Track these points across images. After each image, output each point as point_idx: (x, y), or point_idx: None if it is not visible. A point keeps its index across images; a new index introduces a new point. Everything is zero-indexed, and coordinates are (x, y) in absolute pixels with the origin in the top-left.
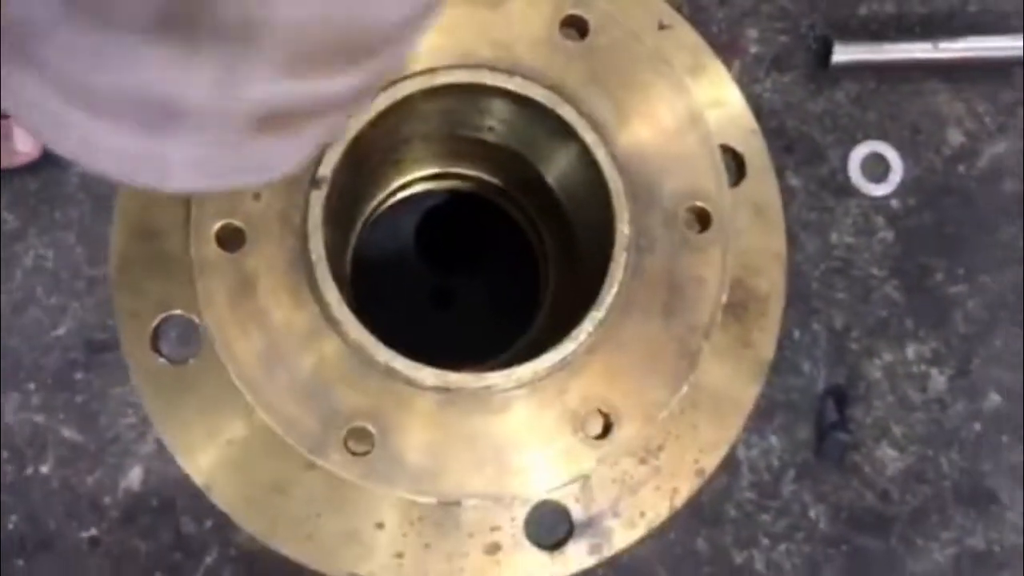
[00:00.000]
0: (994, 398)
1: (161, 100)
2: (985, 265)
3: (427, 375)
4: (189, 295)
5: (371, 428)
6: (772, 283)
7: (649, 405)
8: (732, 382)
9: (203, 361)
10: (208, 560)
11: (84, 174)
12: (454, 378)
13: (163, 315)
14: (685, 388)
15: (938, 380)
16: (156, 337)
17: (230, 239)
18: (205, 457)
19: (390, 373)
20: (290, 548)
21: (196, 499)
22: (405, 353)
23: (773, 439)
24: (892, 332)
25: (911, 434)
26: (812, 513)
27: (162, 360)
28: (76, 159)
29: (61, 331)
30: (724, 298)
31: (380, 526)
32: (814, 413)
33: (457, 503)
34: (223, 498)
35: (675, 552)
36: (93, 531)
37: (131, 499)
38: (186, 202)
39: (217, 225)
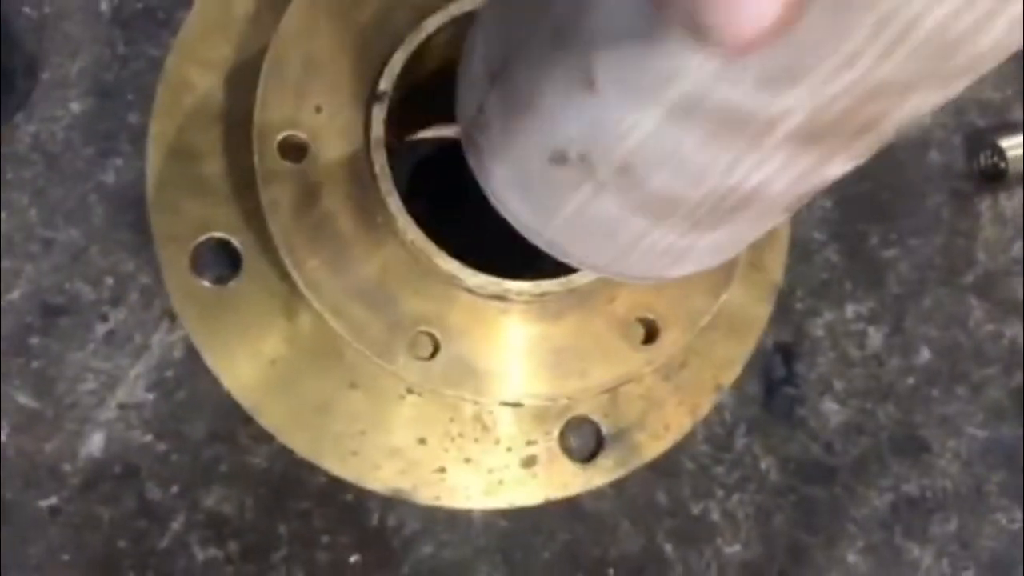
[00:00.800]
0: (925, 354)
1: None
2: (915, 230)
3: (486, 282)
4: (228, 217)
5: (435, 333)
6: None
7: (691, 313)
8: (745, 302)
9: (245, 283)
10: (175, 526)
11: (37, 133)
12: (512, 286)
13: (203, 237)
14: (725, 296)
15: (875, 338)
16: (196, 259)
17: (293, 149)
18: (250, 377)
19: (452, 280)
20: (334, 464)
21: (161, 463)
22: (467, 261)
23: (725, 394)
24: (832, 293)
25: (851, 389)
26: (763, 465)
27: (204, 282)
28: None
29: (15, 295)
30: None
31: (423, 442)
32: (763, 369)
33: (518, 404)
34: (270, 419)
35: (637, 504)
36: (53, 500)
37: (92, 466)
38: (222, 124)
39: (280, 136)
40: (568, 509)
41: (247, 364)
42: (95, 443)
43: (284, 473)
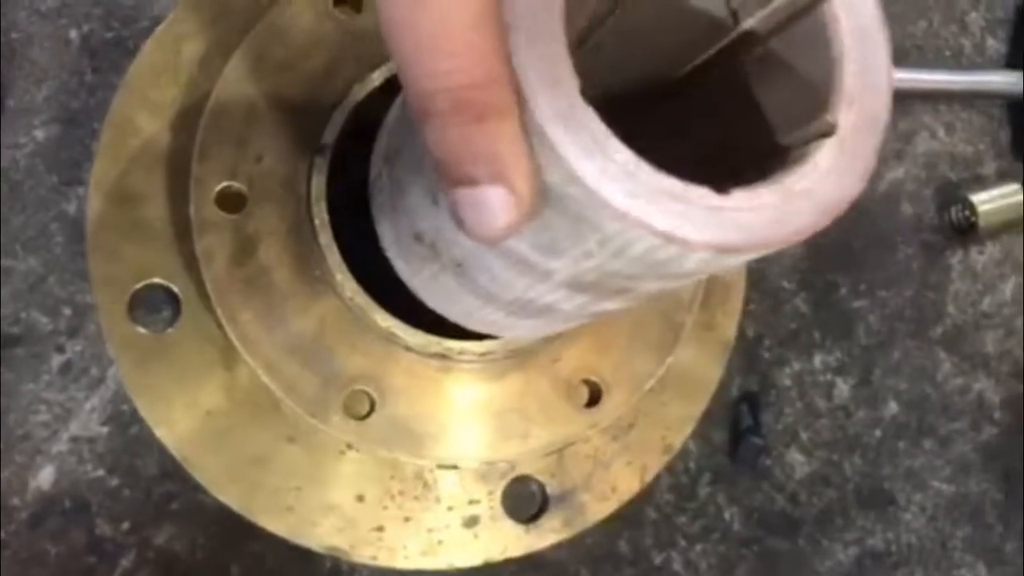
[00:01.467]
0: (892, 406)
1: None
2: (884, 281)
3: (427, 341)
4: (169, 263)
5: (371, 391)
6: (735, 269)
7: (635, 376)
8: (697, 362)
9: (183, 330)
10: (124, 563)
11: None
12: (453, 345)
13: (141, 283)
14: (670, 359)
15: (842, 388)
16: (133, 305)
17: (231, 200)
18: (183, 427)
19: (391, 338)
20: (268, 520)
21: (113, 499)
22: (404, 318)
23: (691, 443)
24: (801, 342)
25: (817, 439)
26: (726, 515)
27: (140, 329)
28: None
29: None
30: (705, 276)
31: (361, 499)
32: (729, 418)
33: (454, 466)
34: (203, 472)
35: (598, 553)
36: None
37: (41, 500)
38: (165, 168)
39: (219, 186)
40: (527, 558)
41: (181, 414)
42: (45, 476)
43: (237, 513)
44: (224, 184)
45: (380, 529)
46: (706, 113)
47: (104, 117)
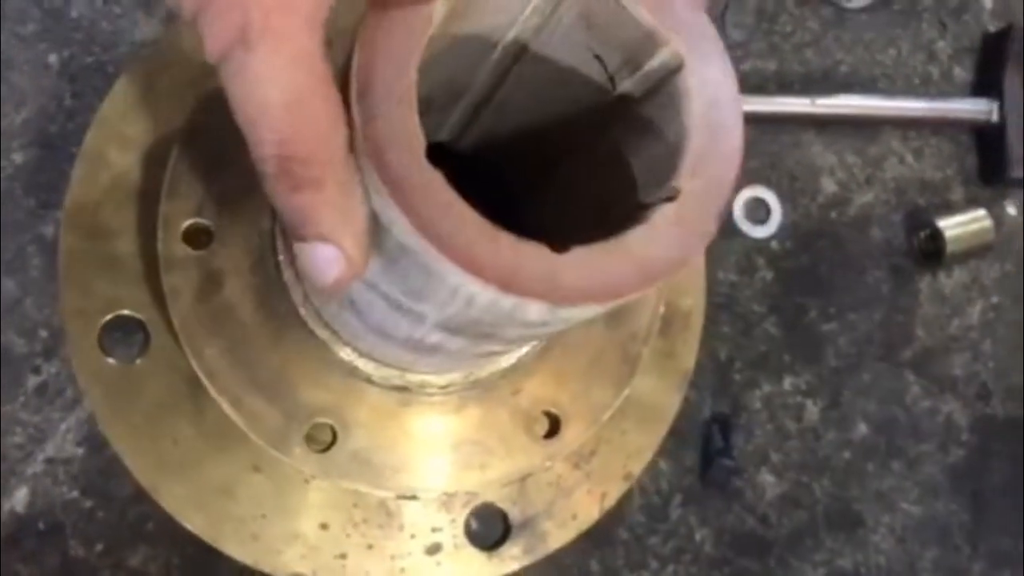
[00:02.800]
0: (862, 428)
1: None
2: (853, 305)
3: (388, 374)
4: (139, 295)
5: (332, 424)
6: (694, 299)
7: (593, 407)
8: (657, 391)
9: (151, 362)
10: None
11: None
12: (413, 378)
13: (111, 315)
14: (627, 391)
15: (812, 411)
16: (103, 337)
17: (198, 236)
18: (151, 456)
19: (353, 371)
20: (234, 548)
21: (87, 521)
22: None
23: (662, 464)
24: (771, 365)
25: (788, 461)
26: (698, 536)
27: (110, 360)
28: None
29: None
30: (661, 308)
31: (324, 527)
32: (700, 440)
33: (414, 497)
34: (169, 500)
35: (570, 574)
36: None
37: (15, 522)
38: (136, 203)
39: (186, 223)
40: None
41: (149, 443)
42: (19, 498)
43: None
44: (191, 220)
45: (343, 557)
46: (590, 171)
47: (83, 141)
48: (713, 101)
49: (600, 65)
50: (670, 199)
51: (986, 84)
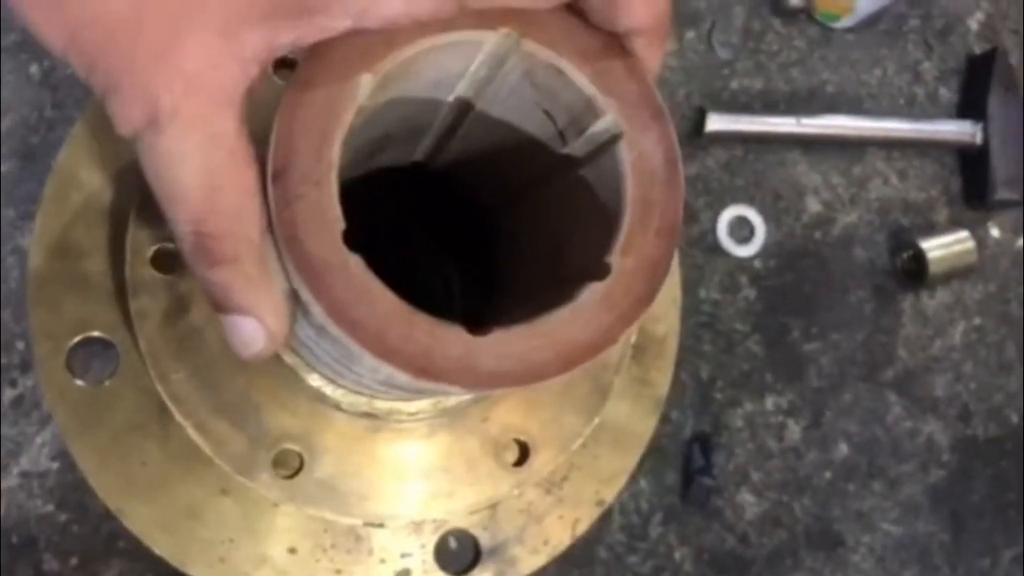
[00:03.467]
0: (842, 448)
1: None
2: (836, 324)
3: (356, 401)
4: (108, 316)
5: (299, 450)
6: (668, 326)
7: (564, 436)
8: (631, 417)
9: (120, 383)
10: None
11: None
12: (381, 405)
13: (80, 336)
14: (597, 420)
15: (793, 430)
16: (72, 358)
17: (166, 260)
18: (117, 479)
19: (320, 398)
20: (200, 571)
21: (61, 535)
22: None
23: (643, 483)
24: (753, 384)
25: (768, 481)
26: (677, 555)
27: (78, 382)
28: None
29: None
30: (633, 338)
31: (293, 551)
32: (681, 458)
33: (381, 525)
34: (135, 523)
35: None
36: None
37: None
38: (107, 223)
39: (154, 248)
40: None
41: (116, 465)
42: None
43: None
44: (160, 244)
45: None
46: (547, 214)
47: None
48: (650, 175)
49: (550, 121)
50: (600, 276)
51: (971, 106)
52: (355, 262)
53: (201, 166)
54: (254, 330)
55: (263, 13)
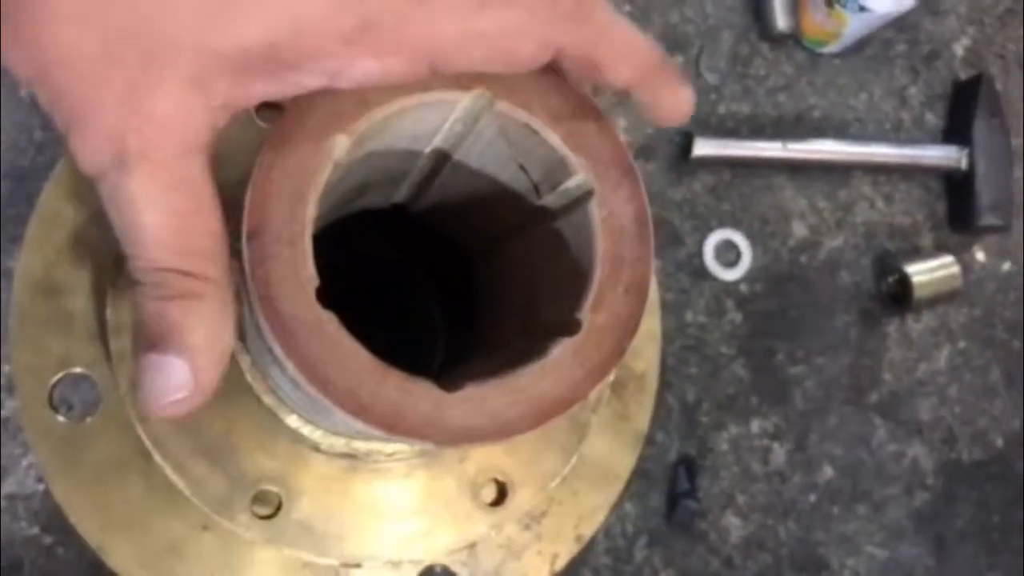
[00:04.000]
0: (827, 471)
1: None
2: (821, 348)
3: (335, 442)
4: (90, 353)
5: (278, 491)
6: (648, 362)
7: (542, 475)
8: (611, 452)
9: (102, 420)
10: None
11: None
12: (360, 446)
13: (62, 373)
14: (575, 459)
15: (778, 453)
16: (53, 395)
17: None
18: (99, 515)
19: (299, 438)
20: None
21: (47, 557)
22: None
23: (628, 506)
24: (738, 407)
25: (753, 504)
26: None
27: (60, 418)
28: None
29: None
30: (612, 376)
31: None
32: (667, 481)
33: (358, 565)
34: (116, 559)
35: None
36: None
37: None
38: (91, 260)
39: None
40: None
41: (97, 501)
42: None
43: None
44: None
45: None
46: (522, 264)
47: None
48: (620, 232)
49: (525, 175)
50: (571, 332)
51: (956, 131)
52: (328, 319)
53: (167, 209)
54: (184, 377)
55: (235, 66)
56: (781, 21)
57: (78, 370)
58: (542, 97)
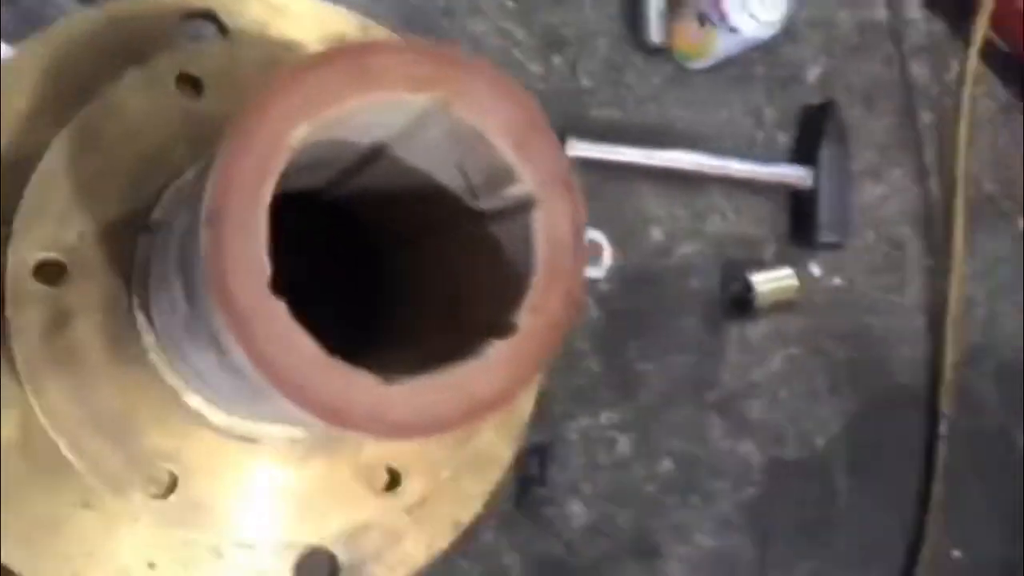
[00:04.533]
0: (666, 463)
1: None
2: (669, 347)
3: (234, 423)
4: None
5: (173, 469)
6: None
7: (435, 462)
8: (493, 443)
9: None
10: None
11: None
12: (260, 429)
13: None
14: (466, 448)
15: (623, 444)
16: None
17: (49, 272)
18: None
19: (199, 419)
20: None
21: None
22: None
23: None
24: (589, 399)
25: (597, 492)
26: (507, 560)
27: None
28: None
29: None
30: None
31: (152, 566)
32: (519, 468)
33: (251, 547)
34: None
35: None
36: None
37: None
38: None
39: (39, 256)
40: None
41: None
42: None
43: None
44: (44, 255)
45: None
46: (445, 261)
47: None
48: (558, 242)
49: (463, 178)
50: (504, 334)
51: (804, 152)
52: (280, 309)
53: None
54: None
55: None
56: (655, 34)
57: None
58: (495, 105)
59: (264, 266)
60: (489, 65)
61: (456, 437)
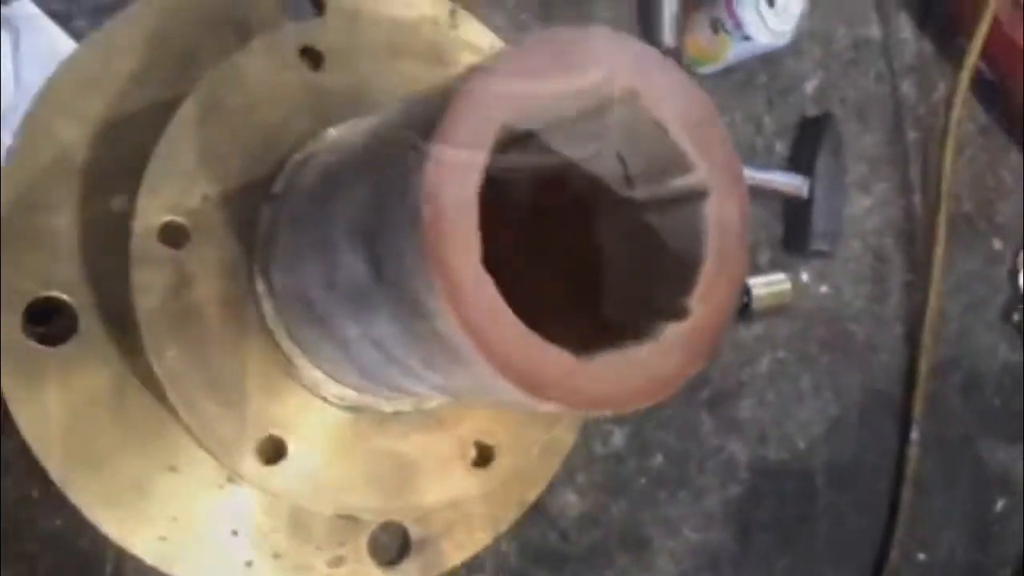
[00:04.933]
0: (659, 458)
1: None
2: None
3: (345, 394)
4: (71, 275)
5: (285, 438)
6: None
7: (526, 442)
8: (561, 428)
9: (76, 347)
10: None
11: None
12: (367, 401)
13: (40, 295)
14: (556, 430)
15: (619, 436)
16: (28, 315)
17: (173, 235)
18: (62, 449)
19: (311, 388)
20: (139, 547)
21: None
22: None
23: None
24: None
25: (592, 482)
26: (503, 546)
27: (32, 342)
28: None
29: None
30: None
31: (235, 533)
32: None
33: (351, 517)
34: (79, 493)
35: None
36: None
37: None
38: (81, 180)
39: (164, 219)
40: None
41: (63, 435)
42: None
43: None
44: (168, 218)
45: (249, 564)
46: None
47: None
48: (728, 230)
49: (621, 166)
50: (679, 318)
51: (800, 162)
52: (489, 284)
53: None
54: None
55: None
56: (668, 38)
57: (56, 294)
58: (675, 99)
59: (477, 243)
60: (673, 62)
61: (547, 419)
